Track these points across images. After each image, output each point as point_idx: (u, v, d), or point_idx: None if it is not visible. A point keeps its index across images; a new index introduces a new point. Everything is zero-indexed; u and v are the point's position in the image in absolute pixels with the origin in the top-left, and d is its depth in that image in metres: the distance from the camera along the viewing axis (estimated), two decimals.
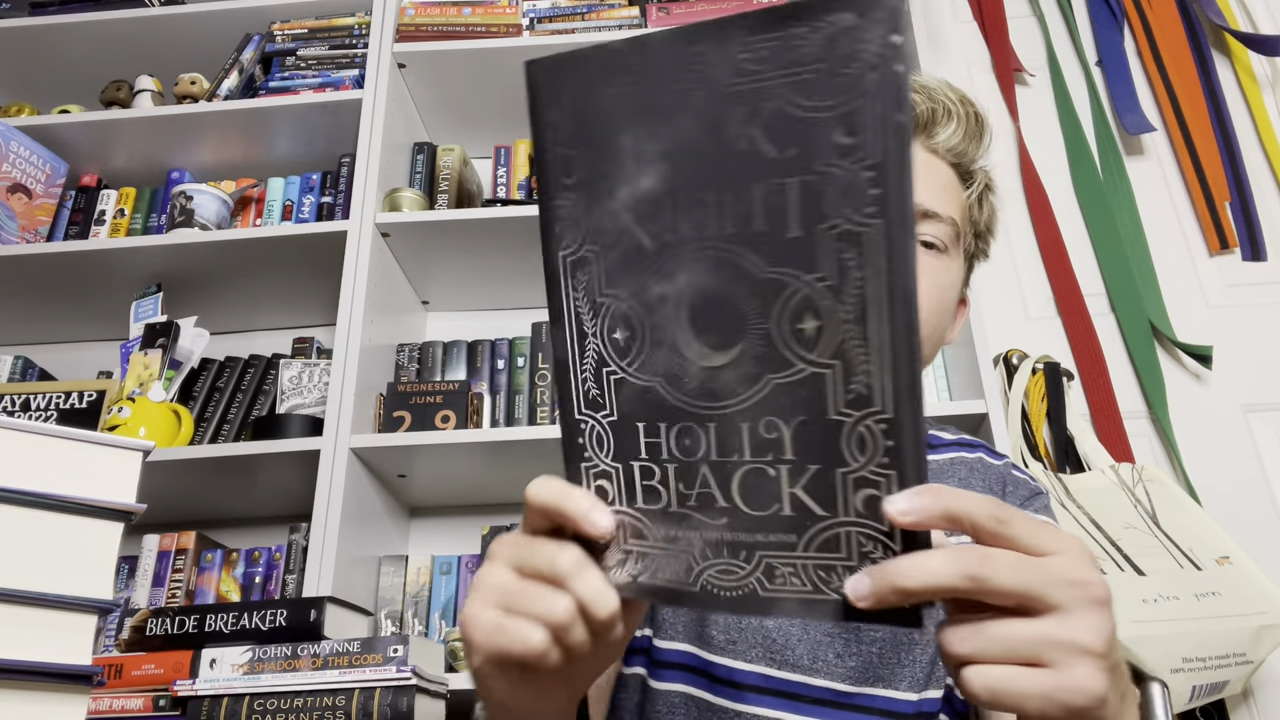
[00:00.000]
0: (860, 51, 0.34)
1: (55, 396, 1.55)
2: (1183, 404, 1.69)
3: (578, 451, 0.44)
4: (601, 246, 0.41)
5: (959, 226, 0.77)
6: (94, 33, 1.88)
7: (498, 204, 1.74)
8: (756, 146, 0.37)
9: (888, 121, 0.34)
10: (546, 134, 0.42)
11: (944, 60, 2.05)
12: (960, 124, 0.78)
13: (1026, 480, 0.84)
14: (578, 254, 0.42)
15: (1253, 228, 1.82)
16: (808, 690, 0.72)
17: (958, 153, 0.78)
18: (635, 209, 0.40)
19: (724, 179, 0.38)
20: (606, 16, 1.77)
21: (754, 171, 0.37)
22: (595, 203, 0.41)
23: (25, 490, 0.49)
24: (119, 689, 0.91)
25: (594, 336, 0.42)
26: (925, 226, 0.75)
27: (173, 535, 1.53)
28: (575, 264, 0.42)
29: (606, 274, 0.41)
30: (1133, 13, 2.04)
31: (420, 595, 1.50)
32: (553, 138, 0.42)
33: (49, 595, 0.48)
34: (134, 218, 1.83)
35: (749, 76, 0.37)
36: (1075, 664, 0.37)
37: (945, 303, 0.76)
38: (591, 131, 0.41)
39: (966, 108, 0.79)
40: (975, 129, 0.79)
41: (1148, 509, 1.44)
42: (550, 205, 0.42)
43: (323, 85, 1.78)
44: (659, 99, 0.39)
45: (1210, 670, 1.25)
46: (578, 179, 0.41)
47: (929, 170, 0.77)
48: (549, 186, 0.42)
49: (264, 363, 1.72)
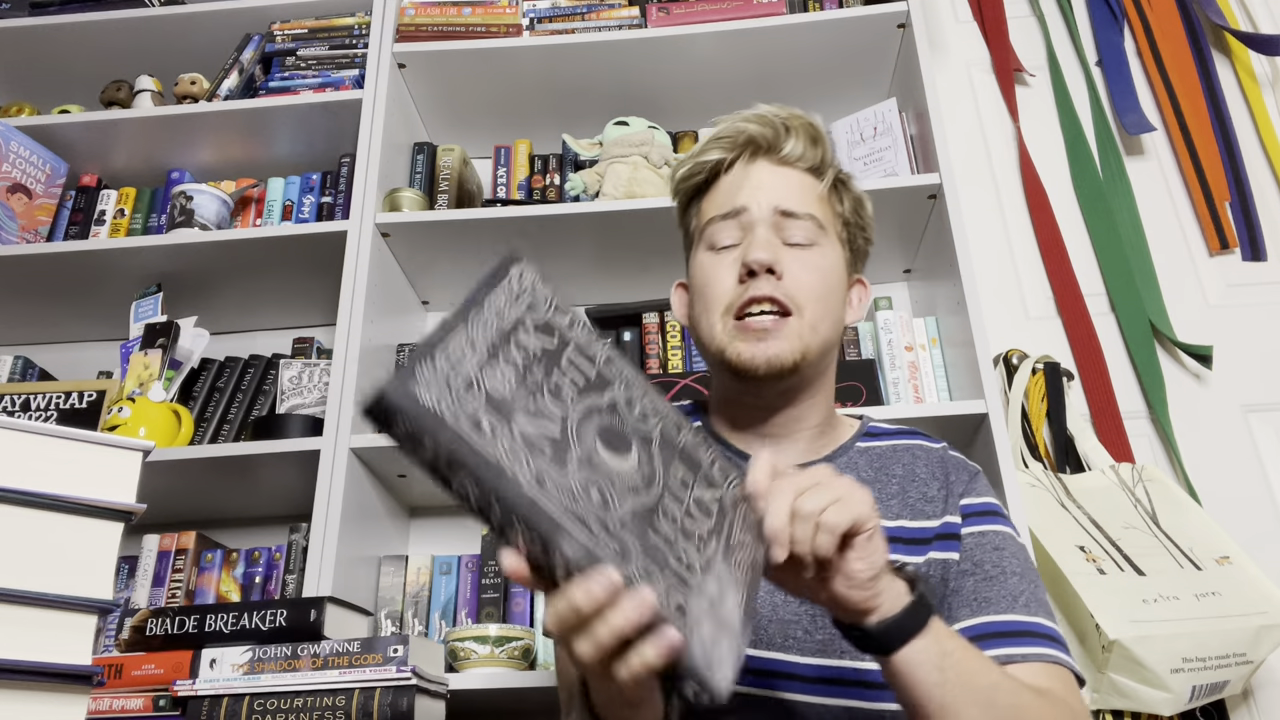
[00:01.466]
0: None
1: (55, 396, 1.55)
2: (1183, 404, 1.68)
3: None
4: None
5: (819, 219, 0.90)
6: (94, 33, 1.88)
7: (498, 204, 1.74)
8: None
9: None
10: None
11: (944, 60, 2.05)
12: (799, 136, 0.92)
13: (964, 461, 0.94)
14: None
15: (1253, 228, 1.82)
16: (782, 666, 0.79)
17: (805, 159, 0.92)
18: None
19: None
20: (606, 16, 1.77)
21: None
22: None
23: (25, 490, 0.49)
24: (119, 689, 0.91)
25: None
26: (789, 224, 0.88)
27: (173, 535, 1.53)
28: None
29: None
30: (1133, 13, 2.04)
31: (420, 595, 1.50)
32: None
33: (49, 595, 0.48)
34: (134, 218, 1.83)
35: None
36: (850, 489, 0.61)
37: (827, 285, 0.89)
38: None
39: (801, 122, 0.93)
40: (813, 136, 0.92)
41: (1148, 509, 1.43)
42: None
43: (323, 85, 1.78)
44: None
45: (1210, 670, 1.25)
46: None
47: (784, 180, 0.91)
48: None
49: (264, 363, 1.72)
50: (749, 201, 0.89)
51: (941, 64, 2.03)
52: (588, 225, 1.61)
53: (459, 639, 1.33)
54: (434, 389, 0.47)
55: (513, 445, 0.48)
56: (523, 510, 0.48)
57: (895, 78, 1.80)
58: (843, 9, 1.72)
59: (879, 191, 1.55)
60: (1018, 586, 0.82)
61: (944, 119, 1.59)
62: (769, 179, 0.91)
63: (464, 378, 0.48)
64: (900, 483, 0.89)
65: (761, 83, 1.82)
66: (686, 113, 1.87)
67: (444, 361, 0.47)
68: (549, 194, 1.80)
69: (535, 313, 0.51)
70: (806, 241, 0.88)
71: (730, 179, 0.93)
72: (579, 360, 0.52)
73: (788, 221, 0.88)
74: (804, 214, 0.89)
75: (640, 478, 0.53)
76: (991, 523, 0.87)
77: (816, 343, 0.86)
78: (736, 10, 1.72)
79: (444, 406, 0.47)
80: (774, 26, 1.69)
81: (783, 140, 0.91)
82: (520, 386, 0.49)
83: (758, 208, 0.89)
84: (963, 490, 0.89)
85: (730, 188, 0.92)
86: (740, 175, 0.92)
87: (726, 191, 0.92)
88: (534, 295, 0.52)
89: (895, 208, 1.59)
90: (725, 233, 0.90)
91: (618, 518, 0.51)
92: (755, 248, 0.86)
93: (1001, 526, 0.87)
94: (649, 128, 1.71)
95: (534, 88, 1.81)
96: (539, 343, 0.51)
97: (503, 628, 1.34)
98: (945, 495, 0.88)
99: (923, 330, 1.59)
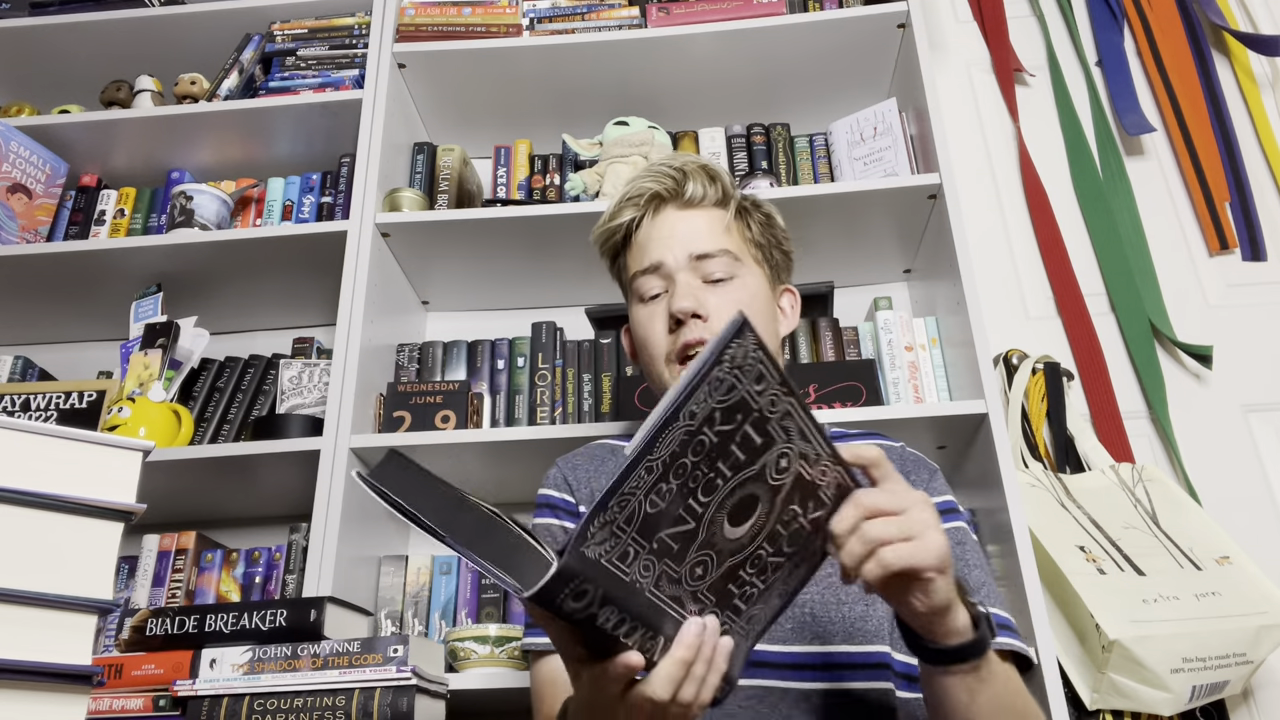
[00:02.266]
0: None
1: (55, 396, 1.55)
2: (1183, 404, 1.68)
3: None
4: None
5: (732, 251, 0.97)
6: (94, 33, 1.88)
7: (498, 204, 1.74)
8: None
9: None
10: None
11: (944, 60, 2.05)
12: (696, 178, 0.99)
13: (923, 458, 1.02)
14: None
15: (1253, 228, 1.82)
16: (757, 655, 0.84)
17: (707, 197, 0.99)
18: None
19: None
20: (606, 16, 1.77)
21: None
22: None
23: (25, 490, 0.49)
24: (119, 689, 0.91)
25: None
26: (705, 264, 0.96)
27: (173, 535, 1.53)
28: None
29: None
30: (1133, 13, 2.04)
31: (420, 595, 1.50)
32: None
33: (49, 595, 0.48)
34: (134, 218, 1.83)
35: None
36: (928, 532, 0.62)
37: (753, 311, 0.94)
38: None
39: (695, 165, 1.00)
40: (709, 175, 1.00)
41: (1148, 509, 1.43)
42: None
43: (323, 85, 1.78)
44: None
45: (1210, 670, 1.25)
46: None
47: (691, 223, 0.98)
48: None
49: (264, 363, 1.72)
50: (663, 255, 0.97)
51: (941, 64, 2.03)
52: (588, 225, 1.59)
53: (459, 639, 1.33)
54: (598, 540, 0.51)
55: (647, 559, 0.53)
56: (643, 613, 0.55)
57: (895, 78, 1.80)
58: (843, 9, 1.72)
59: (879, 192, 1.56)
60: (979, 579, 0.89)
61: (944, 119, 1.59)
62: (679, 227, 0.98)
63: (627, 514, 0.51)
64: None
65: (761, 83, 1.82)
66: (686, 113, 1.87)
67: (615, 506, 0.50)
68: (549, 194, 1.80)
69: (732, 393, 0.51)
70: (726, 275, 0.96)
71: (643, 233, 1.00)
72: (752, 433, 0.53)
73: (704, 262, 0.96)
74: (717, 251, 0.96)
75: (748, 537, 0.57)
76: (951, 519, 0.93)
77: None
78: (736, 10, 1.72)
79: (603, 552, 0.51)
80: (774, 26, 1.69)
81: (683, 185, 0.99)
82: (677, 496, 0.52)
83: (673, 259, 0.96)
84: (923, 489, 0.96)
85: (645, 242, 1.00)
86: (651, 228, 1.00)
87: (643, 246, 1.00)
88: (738, 371, 0.51)
89: (895, 208, 1.59)
90: (649, 285, 0.98)
91: (708, 583, 0.58)
92: (678, 298, 0.94)
93: (960, 523, 0.94)
94: (649, 128, 1.71)
95: (534, 88, 1.81)
96: (716, 436, 0.52)
97: (503, 628, 1.34)
98: None
99: (923, 330, 1.59)
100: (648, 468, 0.49)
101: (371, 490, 0.56)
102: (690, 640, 0.57)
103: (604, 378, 1.63)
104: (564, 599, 0.51)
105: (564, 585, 0.50)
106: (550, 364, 1.64)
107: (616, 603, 0.53)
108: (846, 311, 1.74)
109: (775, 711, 0.82)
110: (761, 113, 1.84)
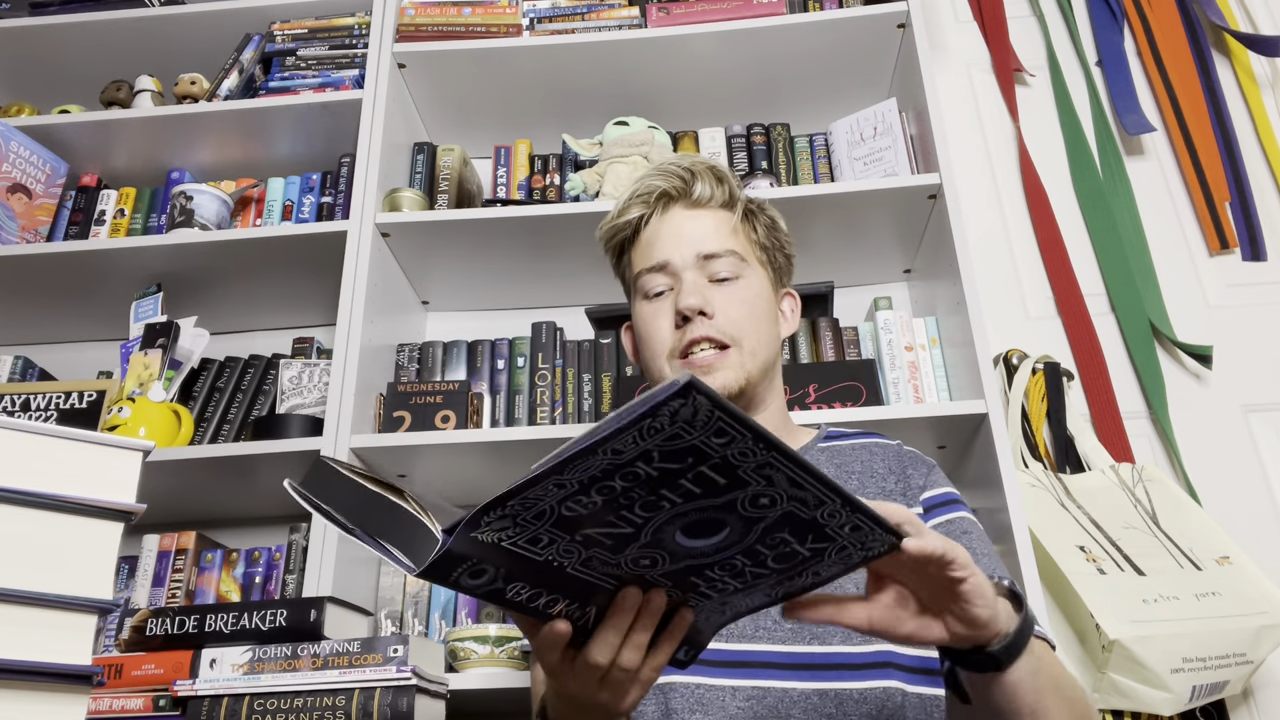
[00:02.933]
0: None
1: (55, 396, 1.55)
2: (1183, 404, 1.68)
3: None
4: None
5: (738, 252, 0.98)
6: (94, 33, 1.88)
7: (498, 204, 1.74)
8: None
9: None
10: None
11: (944, 60, 2.05)
12: (704, 178, 0.99)
13: (919, 455, 1.01)
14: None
15: (1253, 228, 1.82)
16: (756, 656, 0.84)
17: (715, 199, 1.00)
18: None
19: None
20: (606, 16, 1.77)
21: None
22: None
23: (25, 490, 0.49)
24: (119, 689, 0.91)
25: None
26: (712, 263, 0.96)
27: (173, 535, 1.53)
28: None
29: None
30: (1133, 13, 2.04)
31: (420, 595, 1.50)
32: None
33: (49, 595, 0.48)
34: (134, 218, 1.83)
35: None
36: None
37: (757, 311, 0.97)
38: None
39: (704, 165, 1.00)
40: (716, 177, 1.00)
41: (1148, 509, 1.43)
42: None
43: (323, 85, 1.78)
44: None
45: (1210, 670, 1.25)
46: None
47: (699, 223, 0.98)
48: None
49: (264, 363, 1.72)
50: (671, 254, 0.97)
51: (941, 64, 2.03)
52: (588, 225, 1.61)
53: (459, 639, 1.33)
54: (495, 528, 0.51)
55: (568, 545, 0.54)
56: (564, 587, 0.56)
57: (895, 78, 1.80)
58: (843, 9, 1.72)
59: (879, 192, 1.56)
60: (990, 567, 0.89)
61: (944, 119, 1.59)
62: (687, 226, 0.99)
63: (535, 511, 0.51)
64: (859, 478, 0.96)
65: (761, 83, 1.82)
66: (686, 113, 1.87)
67: (517, 504, 0.50)
68: (549, 194, 1.80)
69: (676, 440, 0.49)
70: (731, 275, 0.97)
71: (651, 231, 1.01)
72: (712, 474, 0.51)
73: (710, 262, 0.97)
74: (724, 251, 0.97)
75: (713, 549, 0.57)
76: (955, 510, 0.94)
77: (757, 366, 0.95)
78: (736, 10, 1.72)
79: (503, 537, 0.51)
80: (774, 26, 1.69)
81: (691, 185, 0.99)
82: (604, 508, 0.52)
83: (680, 258, 0.97)
84: (922, 483, 0.96)
85: (652, 240, 1.00)
86: (659, 226, 1.00)
87: (650, 244, 1.00)
88: (684, 424, 0.48)
89: (895, 208, 1.59)
90: (655, 282, 0.98)
91: (662, 572, 0.58)
92: (685, 295, 0.94)
93: (964, 513, 0.94)
94: (649, 128, 1.71)
95: (534, 88, 1.81)
96: (656, 471, 0.50)
97: (503, 628, 1.34)
98: (904, 489, 0.95)
99: (923, 330, 1.59)
100: (558, 484, 0.49)
101: (297, 496, 0.59)
102: (626, 607, 0.59)
103: (604, 378, 1.63)
104: (459, 576, 0.53)
105: (455, 566, 0.52)
106: (550, 364, 1.64)
107: (526, 579, 0.55)
108: (846, 311, 1.74)
109: (774, 712, 0.82)
110: (761, 113, 1.84)
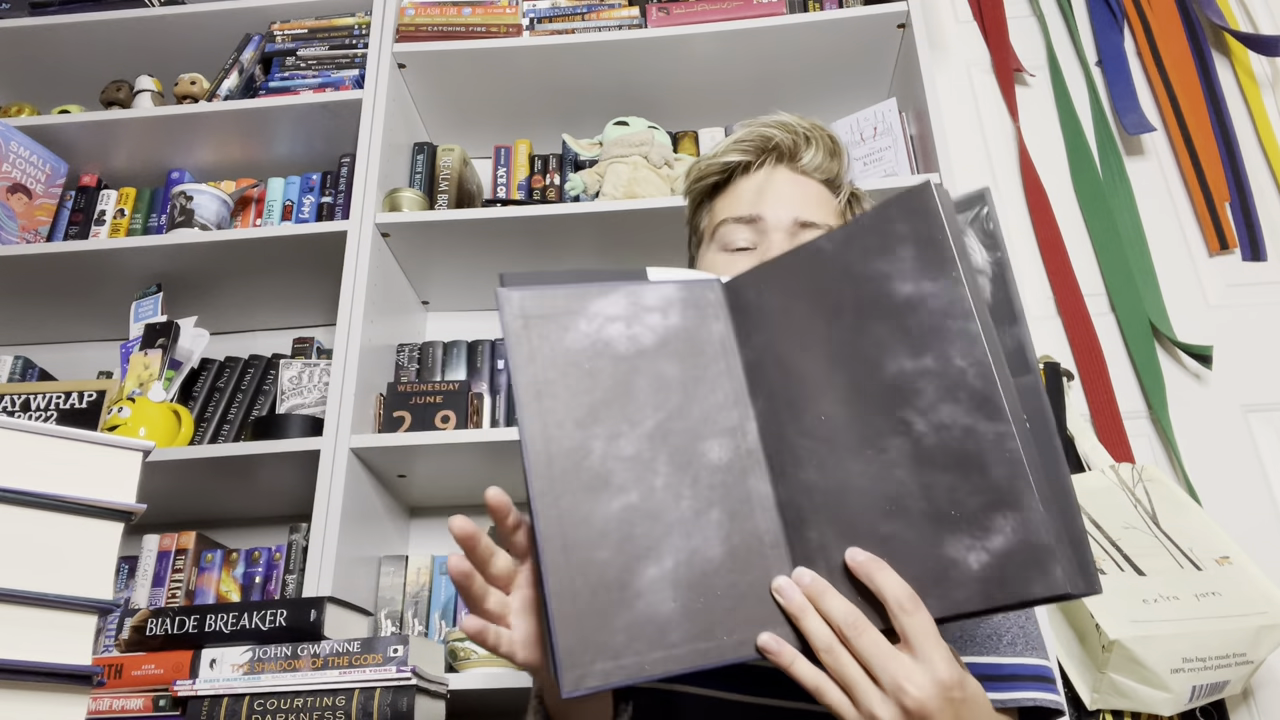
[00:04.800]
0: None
1: (55, 396, 1.55)
2: (1183, 404, 1.68)
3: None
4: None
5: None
6: (94, 33, 1.88)
7: (498, 204, 1.74)
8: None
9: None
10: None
11: (944, 60, 2.05)
12: (819, 147, 0.93)
13: None
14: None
15: (1253, 228, 1.82)
16: (770, 674, 0.77)
17: (823, 170, 0.93)
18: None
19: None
20: (606, 16, 1.77)
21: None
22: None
23: (25, 490, 0.49)
24: (119, 689, 0.91)
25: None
26: (806, 234, 0.88)
27: (173, 535, 1.53)
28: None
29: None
30: (1133, 13, 2.04)
31: (420, 595, 1.50)
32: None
33: (49, 595, 0.48)
34: (134, 218, 1.83)
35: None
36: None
37: None
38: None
39: (821, 134, 0.94)
40: (832, 149, 0.94)
41: (1148, 509, 1.43)
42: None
43: (323, 85, 1.78)
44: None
45: (1210, 670, 1.25)
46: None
47: (802, 189, 0.92)
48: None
49: (264, 363, 1.72)
50: (767, 211, 0.89)
51: (941, 64, 2.03)
52: (588, 225, 1.61)
53: (459, 639, 1.33)
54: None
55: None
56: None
57: (895, 78, 1.80)
58: (843, 9, 1.72)
59: (879, 192, 1.55)
60: (1001, 623, 0.80)
61: (944, 119, 1.59)
62: (787, 189, 0.91)
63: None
64: None
65: (761, 83, 1.82)
66: (686, 113, 1.87)
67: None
68: (549, 194, 1.80)
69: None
70: None
71: (748, 182, 0.93)
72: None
73: (805, 231, 0.88)
74: (823, 225, 0.89)
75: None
76: None
77: None
78: (736, 10, 1.72)
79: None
80: (774, 26, 1.69)
81: (803, 149, 0.92)
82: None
83: (775, 218, 0.89)
84: None
85: (747, 192, 0.92)
86: (758, 180, 0.92)
87: (743, 195, 0.92)
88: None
89: None
90: (739, 235, 0.90)
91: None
92: (774, 252, 0.85)
93: None
94: (649, 128, 1.71)
95: (534, 88, 1.81)
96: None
97: None
98: None
99: None
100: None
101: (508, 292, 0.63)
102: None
103: None
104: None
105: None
106: None
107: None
108: None
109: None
110: (761, 112, 1.82)
